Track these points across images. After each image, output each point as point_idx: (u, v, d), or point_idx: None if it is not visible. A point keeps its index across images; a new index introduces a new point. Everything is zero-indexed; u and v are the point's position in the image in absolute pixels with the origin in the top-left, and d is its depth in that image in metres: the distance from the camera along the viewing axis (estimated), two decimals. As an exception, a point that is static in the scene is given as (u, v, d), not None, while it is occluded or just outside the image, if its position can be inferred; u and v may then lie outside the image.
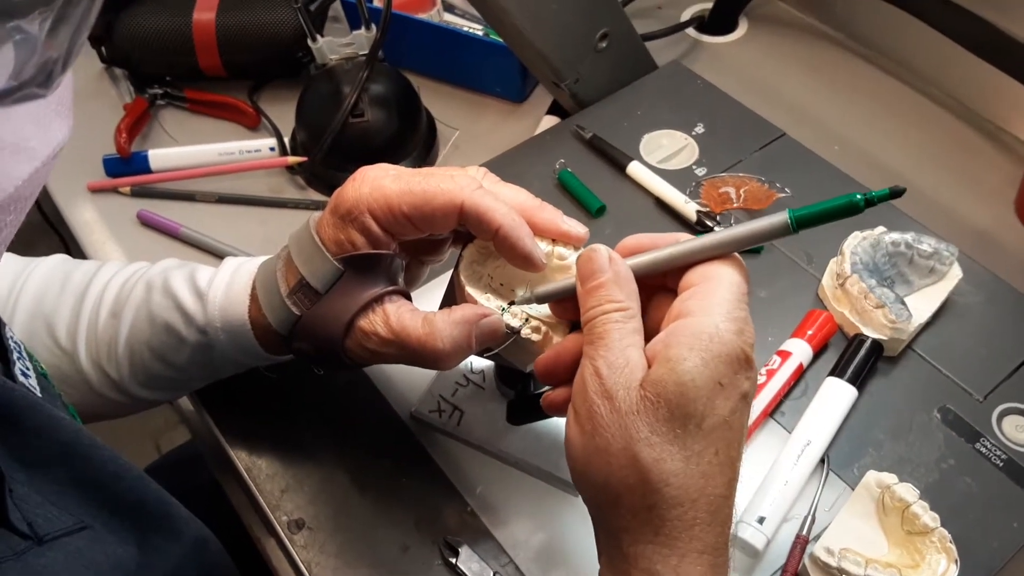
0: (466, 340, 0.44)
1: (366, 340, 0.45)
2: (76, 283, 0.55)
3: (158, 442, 1.65)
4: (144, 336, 0.51)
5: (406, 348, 0.45)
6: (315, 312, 0.46)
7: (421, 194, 0.43)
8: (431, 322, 0.44)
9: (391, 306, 0.46)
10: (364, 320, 0.45)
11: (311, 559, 0.52)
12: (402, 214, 0.44)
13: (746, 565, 0.52)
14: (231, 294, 0.50)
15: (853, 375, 0.57)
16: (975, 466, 0.55)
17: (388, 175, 0.45)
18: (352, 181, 0.45)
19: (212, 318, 0.50)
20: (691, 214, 0.68)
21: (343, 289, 0.45)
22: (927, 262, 0.62)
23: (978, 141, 0.84)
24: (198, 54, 0.87)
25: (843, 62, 0.92)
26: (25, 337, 0.53)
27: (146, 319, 0.51)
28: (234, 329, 0.49)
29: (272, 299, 0.47)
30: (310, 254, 0.46)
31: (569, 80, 0.77)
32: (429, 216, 0.44)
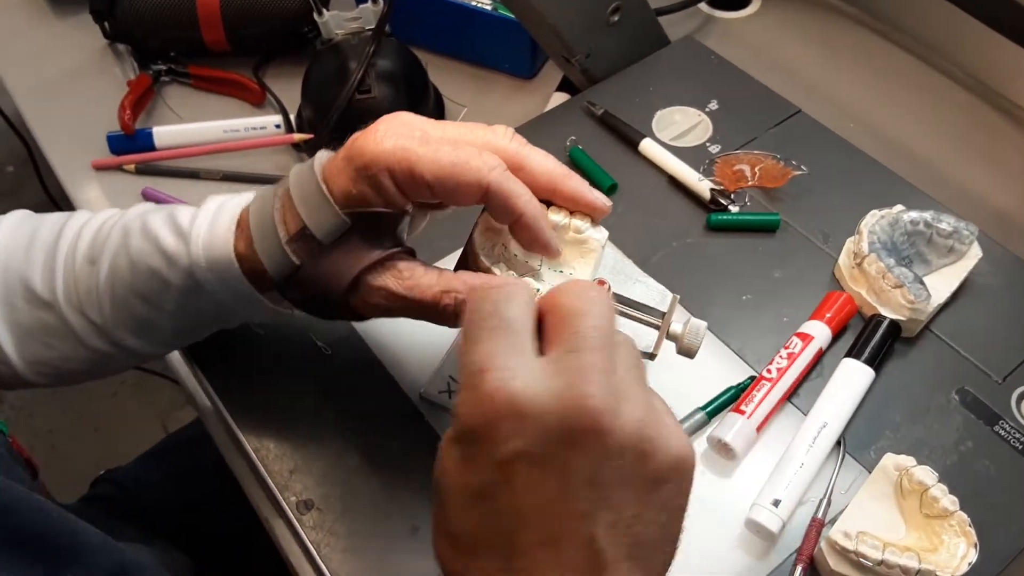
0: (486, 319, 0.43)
1: (373, 295, 0.44)
2: (45, 236, 0.52)
3: (165, 422, 1.65)
4: (127, 281, 0.48)
5: (415, 304, 0.44)
6: (317, 264, 0.44)
7: (449, 167, 0.42)
8: (447, 280, 0.43)
9: (403, 263, 0.45)
10: (372, 276, 0.44)
11: (320, 540, 0.51)
12: (424, 183, 0.42)
13: (761, 548, 0.51)
14: (215, 231, 0.47)
15: (870, 356, 0.56)
16: (994, 449, 0.55)
17: (415, 135, 0.43)
18: (374, 132, 0.43)
19: (196, 258, 0.46)
20: (705, 192, 0.67)
21: (349, 244, 0.44)
22: (946, 241, 0.60)
23: (997, 120, 0.82)
24: (202, 29, 0.86)
25: (859, 38, 0.91)
26: (2, 294, 0.50)
27: (127, 266, 0.48)
28: (220, 267, 0.46)
29: (269, 243, 0.45)
30: (316, 203, 0.43)
31: (580, 55, 0.76)
32: (452, 191, 0.42)
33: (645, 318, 0.47)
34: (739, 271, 0.63)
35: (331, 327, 0.60)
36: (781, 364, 0.56)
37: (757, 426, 0.53)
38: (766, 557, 0.51)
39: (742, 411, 0.54)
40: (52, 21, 0.97)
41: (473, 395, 0.31)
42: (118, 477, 0.81)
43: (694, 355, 0.47)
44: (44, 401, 1.68)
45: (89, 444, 1.63)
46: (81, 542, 0.45)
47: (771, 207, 0.67)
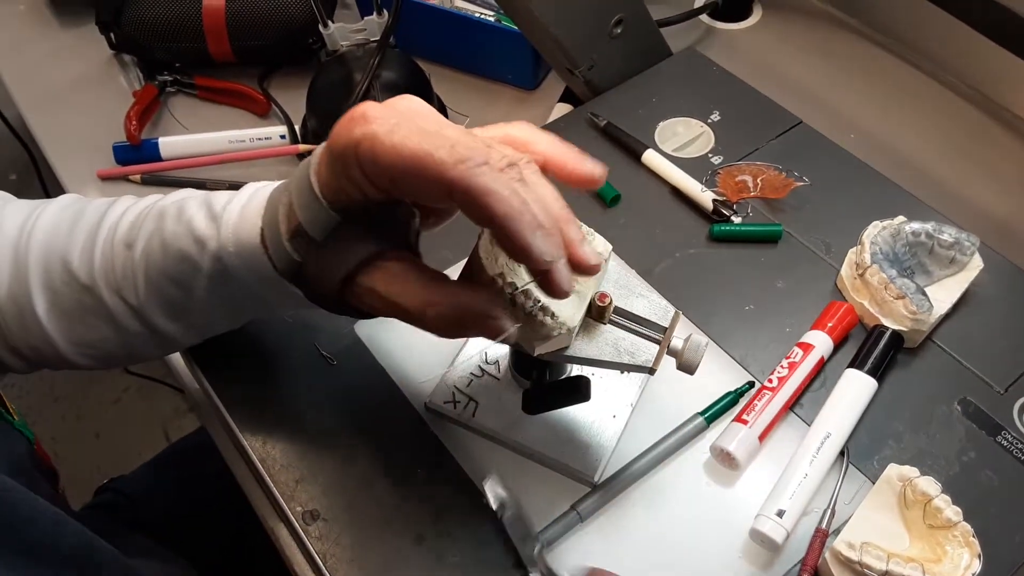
0: (459, 329, 0.41)
1: (364, 296, 0.43)
2: (88, 218, 0.52)
3: (166, 429, 1.65)
4: (159, 264, 0.48)
5: (400, 312, 0.42)
6: (314, 261, 0.43)
7: (410, 158, 0.36)
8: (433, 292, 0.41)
9: (396, 266, 0.42)
10: (363, 276, 0.42)
11: (326, 550, 0.52)
12: (387, 177, 0.38)
13: (765, 559, 0.51)
14: (245, 216, 0.46)
15: (873, 367, 0.57)
16: (996, 459, 0.55)
17: (389, 122, 0.38)
18: (349, 120, 0.39)
19: (225, 242, 0.46)
20: (707, 203, 0.67)
21: (342, 240, 0.42)
22: (948, 252, 0.61)
23: (997, 131, 0.83)
24: (208, 40, 0.87)
25: (859, 49, 0.91)
26: (42, 275, 0.51)
27: (159, 248, 0.48)
28: (247, 253, 0.45)
29: (275, 240, 0.44)
30: (308, 199, 0.42)
31: (583, 66, 0.77)
32: (415, 186, 0.38)
33: (646, 332, 0.47)
34: (741, 281, 0.64)
35: (336, 337, 0.60)
36: (782, 373, 0.56)
37: (759, 435, 0.54)
38: (770, 567, 0.51)
39: (744, 421, 0.54)
40: (58, 32, 0.98)
41: None
42: (122, 486, 0.81)
43: (694, 371, 0.47)
44: (46, 407, 1.68)
45: (91, 450, 1.63)
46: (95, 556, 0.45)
47: (773, 218, 0.68)
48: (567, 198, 0.41)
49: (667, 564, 0.51)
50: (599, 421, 0.55)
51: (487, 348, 0.59)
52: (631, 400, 0.56)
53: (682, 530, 0.52)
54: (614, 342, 0.46)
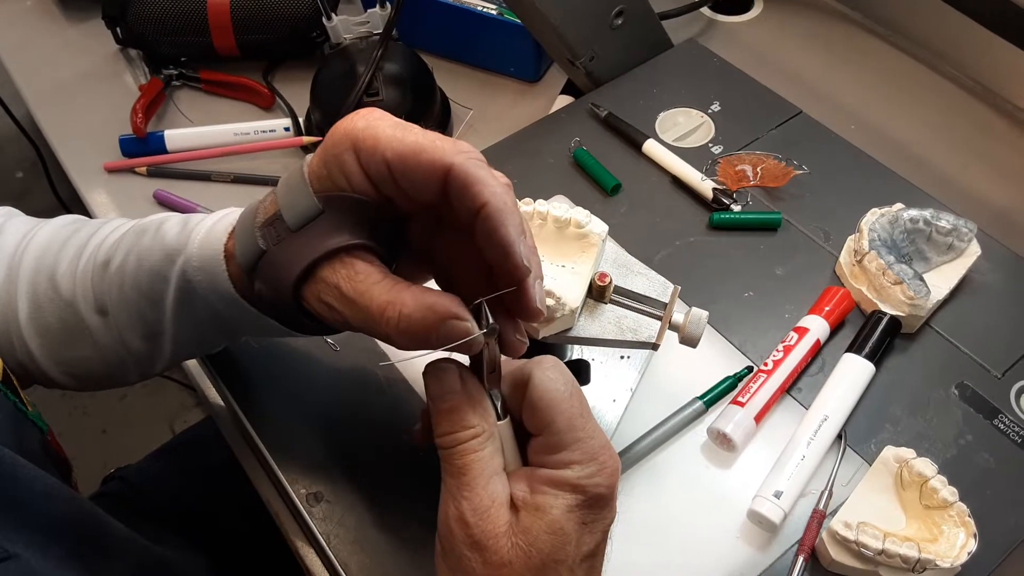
0: (423, 331, 0.37)
1: (325, 292, 0.40)
2: (81, 236, 0.52)
3: (172, 424, 1.66)
4: (133, 280, 0.48)
5: (361, 312, 0.38)
6: (280, 249, 0.40)
7: (412, 144, 0.37)
8: (398, 292, 0.38)
9: (362, 263, 0.39)
10: (328, 270, 0.39)
11: (329, 531, 0.52)
12: (384, 160, 0.38)
13: (763, 539, 0.52)
14: (214, 230, 0.45)
15: (871, 351, 0.57)
16: (993, 442, 0.55)
17: (389, 118, 0.39)
18: (351, 116, 0.40)
19: (190, 255, 0.45)
20: (707, 192, 0.68)
21: (316, 231, 0.40)
22: (945, 239, 0.61)
23: (996, 120, 0.83)
24: (213, 34, 0.87)
25: (859, 41, 0.92)
26: (29, 290, 0.51)
27: (135, 263, 0.48)
28: (209, 266, 0.44)
29: (244, 228, 0.42)
30: (294, 186, 0.41)
31: (584, 58, 0.77)
32: (412, 170, 0.38)
33: (647, 309, 0.47)
34: (741, 269, 0.64)
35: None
36: (777, 357, 0.57)
37: (755, 416, 0.54)
38: (768, 548, 0.52)
39: (740, 403, 0.55)
40: (64, 27, 0.99)
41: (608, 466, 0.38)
42: (128, 475, 0.82)
43: (696, 344, 0.48)
44: (53, 403, 1.69)
45: (98, 446, 1.64)
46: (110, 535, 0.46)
47: (773, 206, 0.68)
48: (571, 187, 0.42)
49: (666, 546, 0.52)
50: (599, 405, 0.56)
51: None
52: (631, 384, 0.57)
53: (681, 512, 0.53)
54: (616, 320, 0.47)
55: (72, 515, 0.44)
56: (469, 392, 0.39)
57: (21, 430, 0.49)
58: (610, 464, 0.38)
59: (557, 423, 0.38)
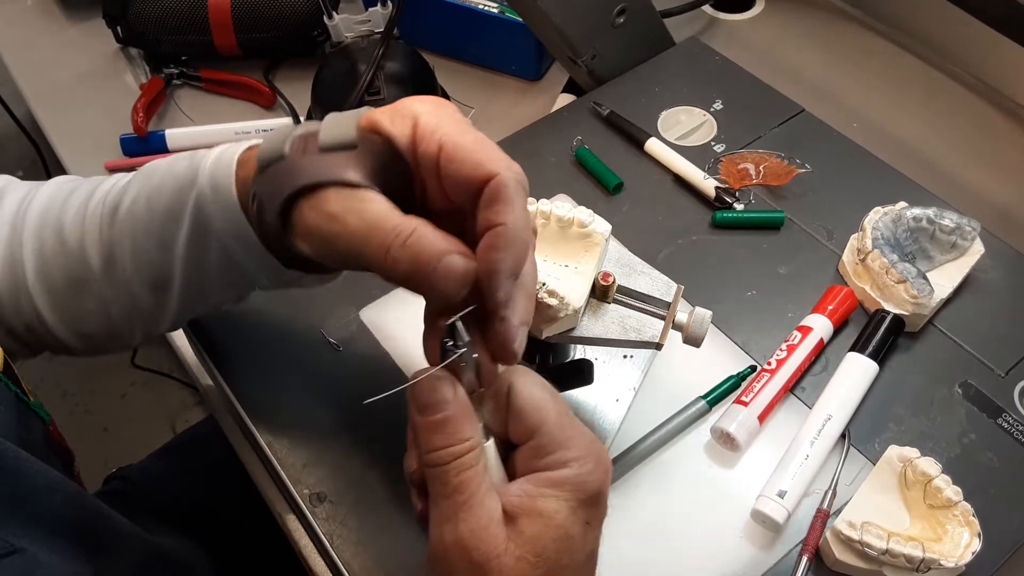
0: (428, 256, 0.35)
1: (322, 207, 0.38)
2: (84, 188, 0.51)
3: (173, 423, 1.66)
4: (144, 223, 0.47)
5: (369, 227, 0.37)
6: (299, 161, 0.40)
7: (471, 141, 0.38)
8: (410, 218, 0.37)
9: (369, 192, 0.38)
10: (331, 192, 0.38)
11: (333, 531, 0.52)
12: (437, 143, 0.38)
13: (767, 539, 0.52)
14: (222, 158, 0.45)
15: (874, 350, 0.57)
16: (997, 441, 0.55)
17: (457, 112, 0.40)
18: (422, 97, 0.41)
19: (202, 185, 0.45)
20: (710, 190, 0.68)
21: (339, 159, 0.39)
22: (949, 237, 0.61)
23: (999, 118, 0.83)
24: (213, 33, 0.87)
25: (861, 39, 0.92)
26: (35, 245, 0.50)
27: (145, 206, 0.47)
28: (221, 194, 0.44)
29: (277, 136, 0.42)
30: (343, 116, 0.41)
31: (586, 56, 0.77)
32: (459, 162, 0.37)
33: (651, 309, 0.47)
34: (744, 268, 0.64)
35: (341, 323, 0.61)
36: (781, 356, 0.57)
37: (759, 415, 0.54)
38: (772, 547, 0.51)
39: (744, 402, 0.55)
40: (65, 26, 0.99)
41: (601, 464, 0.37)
42: (130, 474, 0.82)
43: (700, 343, 0.48)
44: (55, 401, 1.69)
45: (99, 444, 1.64)
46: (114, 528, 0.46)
47: (775, 205, 0.68)
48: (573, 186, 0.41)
49: (669, 545, 0.52)
50: (602, 404, 0.56)
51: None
52: (634, 384, 0.57)
53: (684, 511, 0.53)
54: (620, 320, 0.47)
55: (76, 509, 0.44)
56: (462, 402, 0.37)
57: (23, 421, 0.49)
58: (604, 458, 0.38)
59: (549, 423, 0.37)
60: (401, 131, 0.39)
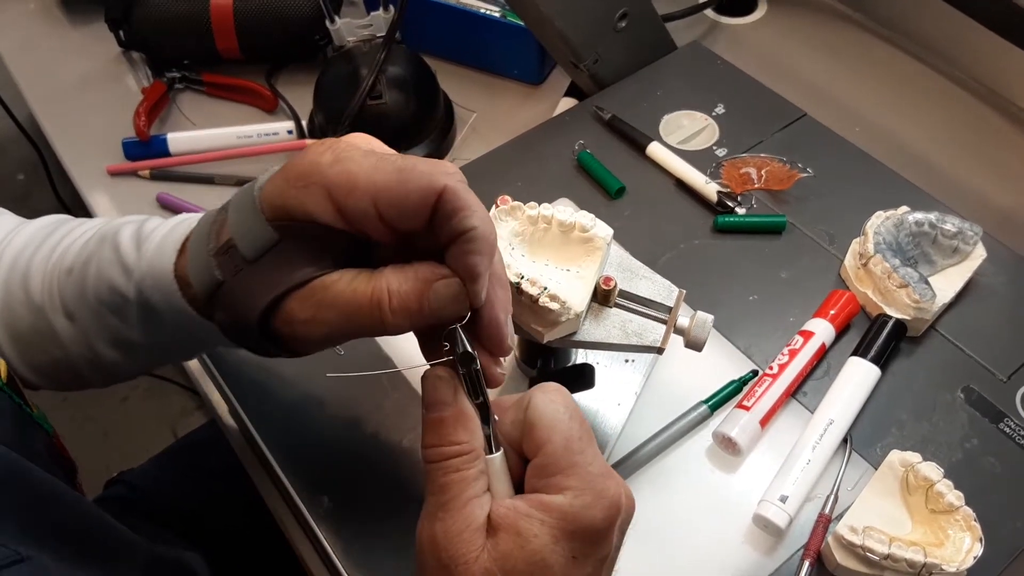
0: (416, 301, 0.36)
1: (300, 311, 0.38)
2: (55, 238, 0.50)
3: (174, 428, 1.66)
4: (94, 292, 0.46)
5: (349, 311, 0.37)
6: (239, 280, 0.38)
7: (395, 173, 0.36)
8: (378, 278, 0.37)
9: (328, 277, 0.38)
10: (298, 296, 0.38)
11: (334, 536, 0.52)
12: (369, 197, 0.36)
13: (768, 543, 0.52)
14: (164, 245, 0.43)
15: (876, 355, 0.57)
16: (999, 446, 0.55)
17: (359, 149, 0.37)
18: (317, 146, 0.38)
19: (142, 274, 0.43)
20: (712, 194, 0.68)
21: (276, 261, 0.38)
22: (951, 242, 0.61)
23: (1001, 122, 0.83)
24: (216, 37, 0.87)
25: (863, 43, 0.92)
26: (3, 292, 0.50)
27: (95, 275, 0.46)
28: (162, 285, 0.43)
29: (198, 254, 0.40)
30: (246, 213, 0.38)
31: (588, 60, 0.77)
32: (401, 201, 0.36)
33: (652, 313, 0.47)
34: (746, 272, 0.64)
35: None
36: (782, 360, 0.57)
37: (760, 420, 0.54)
38: (773, 552, 0.51)
39: (745, 407, 0.55)
40: (67, 29, 0.99)
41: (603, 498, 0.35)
42: (131, 478, 0.82)
43: (701, 348, 0.48)
44: (55, 407, 1.69)
45: (100, 450, 1.64)
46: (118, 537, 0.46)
47: (777, 209, 0.68)
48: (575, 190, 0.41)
49: (671, 550, 0.52)
50: (604, 409, 0.56)
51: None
52: (636, 388, 0.57)
53: (686, 516, 0.53)
54: (621, 324, 0.47)
55: (80, 518, 0.44)
56: (461, 407, 0.37)
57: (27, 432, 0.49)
58: (610, 494, 0.35)
59: (553, 442, 0.35)
60: (319, 207, 0.37)
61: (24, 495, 0.41)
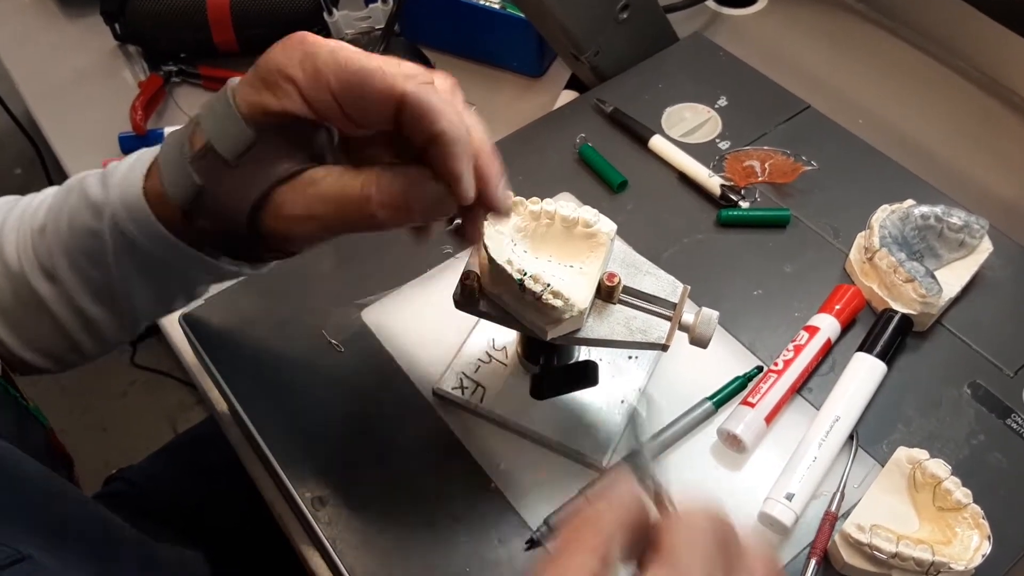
0: (403, 194, 0.38)
1: (290, 206, 0.40)
2: (19, 207, 0.51)
3: (174, 423, 1.65)
4: (69, 243, 0.47)
5: (339, 202, 0.39)
6: (221, 182, 0.40)
7: (358, 71, 0.36)
8: (367, 172, 0.39)
9: (315, 169, 0.40)
10: (285, 189, 0.39)
11: (335, 535, 0.52)
12: (329, 89, 0.37)
13: (774, 542, 0.51)
14: (131, 173, 0.44)
15: (882, 350, 0.56)
16: (1006, 442, 0.55)
17: (327, 44, 0.38)
18: (284, 41, 0.39)
19: (115, 206, 0.44)
20: (715, 188, 0.67)
21: (256, 160, 0.39)
22: (957, 235, 0.61)
23: (1007, 114, 0.82)
24: (212, 30, 0.87)
25: (865, 33, 0.91)
26: None
27: (67, 226, 0.46)
28: (135, 211, 0.43)
29: (173, 165, 0.41)
30: (221, 116, 0.39)
31: (589, 52, 0.76)
32: (361, 98, 0.37)
33: (656, 310, 0.47)
34: (750, 266, 0.64)
35: (343, 324, 0.60)
36: (788, 356, 0.56)
37: (765, 417, 0.54)
38: (779, 551, 0.51)
39: (750, 404, 0.54)
40: (63, 23, 0.98)
41: None
42: (130, 475, 0.82)
43: (707, 344, 0.47)
44: (53, 401, 1.68)
45: (98, 444, 1.64)
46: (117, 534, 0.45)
47: (781, 202, 0.67)
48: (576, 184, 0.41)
49: (676, 548, 0.51)
50: (608, 406, 0.55)
51: (494, 335, 0.58)
52: (640, 385, 0.56)
53: (691, 514, 0.52)
54: (625, 321, 0.46)
55: (80, 515, 0.44)
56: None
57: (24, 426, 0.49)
58: None
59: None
60: (291, 102, 0.38)
61: (25, 492, 0.40)
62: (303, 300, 0.61)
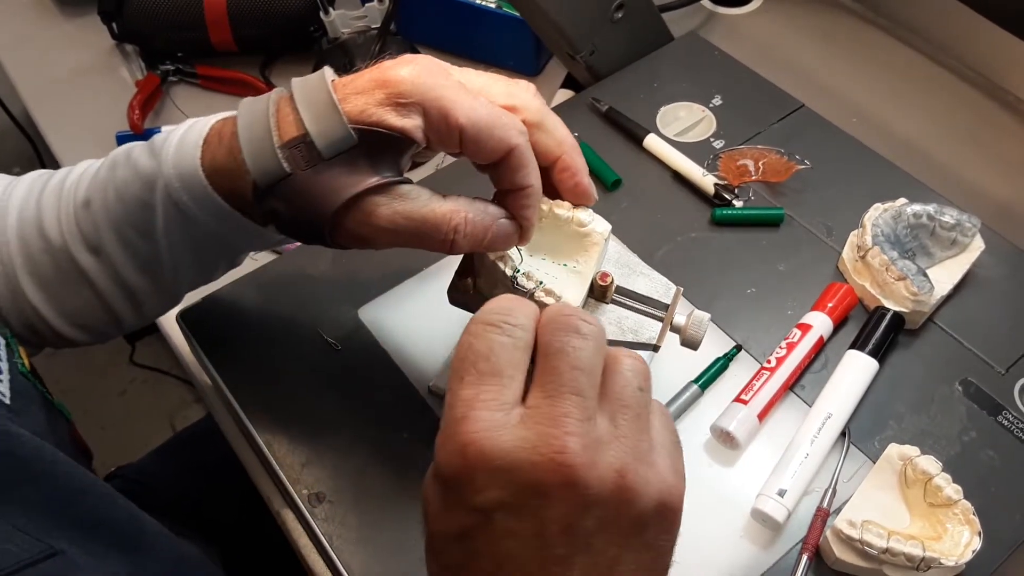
0: (482, 230, 0.43)
1: (375, 217, 0.43)
2: (55, 181, 0.52)
3: (173, 421, 1.66)
4: (119, 215, 0.48)
5: (422, 225, 0.43)
6: (313, 176, 0.42)
7: (486, 117, 0.41)
8: (453, 202, 0.43)
9: (407, 187, 0.43)
10: (375, 197, 0.42)
11: (332, 532, 0.52)
12: (457, 128, 0.41)
13: (767, 538, 0.52)
14: (184, 146, 0.45)
15: (874, 348, 0.57)
16: (997, 439, 0.55)
17: (452, 79, 0.42)
18: (412, 64, 0.42)
19: (169, 176, 0.45)
20: (709, 187, 0.68)
21: (351, 162, 0.42)
22: (949, 234, 0.61)
23: (999, 113, 0.83)
24: (209, 29, 0.87)
25: (860, 33, 0.91)
26: (21, 248, 0.50)
27: (115, 199, 0.47)
28: (190, 183, 0.45)
29: (260, 146, 0.42)
30: (324, 112, 0.41)
31: (584, 51, 0.77)
32: (482, 143, 0.42)
33: (649, 310, 0.47)
34: (743, 265, 0.64)
35: (339, 322, 0.60)
36: (780, 354, 0.56)
37: (758, 414, 0.54)
38: (772, 546, 0.51)
39: (743, 400, 0.54)
40: (60, 22, 0.98)
41: (450, 442, 0.32)
42: (129, 473, 0.82)
43: (697, 346, 0.48)
44: (53, 399, 1.69)
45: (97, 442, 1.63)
46: (146, 529, 0.46)
47: (775, 201, 0.68)
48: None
49: (669, 544, 0.52)
50: (601, 403, 0.56)
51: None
52: (633, 382, 0.56)
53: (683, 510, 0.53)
54: (617, 321, 0.47)
55: (108, 509, 0.44)
56: None
57: (51, 420, 0.49)
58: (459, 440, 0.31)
59: None
60: (413, 127, 0.41)
61: (57, 488, 0.41)
62: (300, 298, 0.62)
